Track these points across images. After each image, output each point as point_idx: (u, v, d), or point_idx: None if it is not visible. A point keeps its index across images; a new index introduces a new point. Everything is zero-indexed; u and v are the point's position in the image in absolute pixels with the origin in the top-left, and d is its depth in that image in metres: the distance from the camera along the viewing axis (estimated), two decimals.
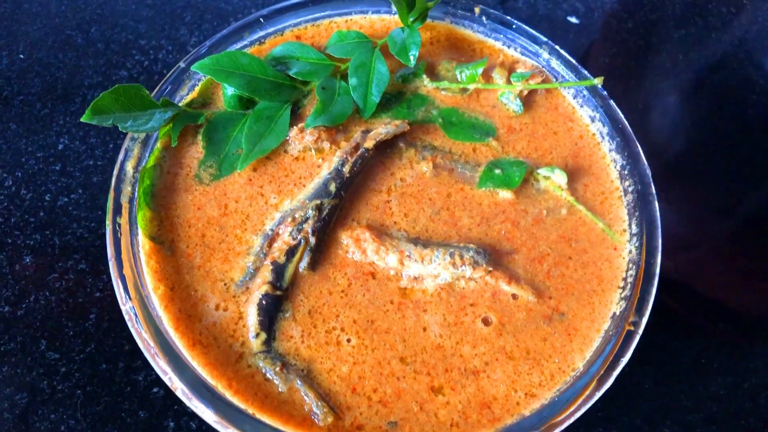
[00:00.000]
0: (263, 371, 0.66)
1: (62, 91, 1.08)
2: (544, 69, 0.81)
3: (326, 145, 0.76)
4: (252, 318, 0.67)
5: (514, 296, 0.70)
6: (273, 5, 0.89)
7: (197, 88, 0.78)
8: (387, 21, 0.82)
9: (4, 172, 1.02)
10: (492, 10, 0.83)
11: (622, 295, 0.70)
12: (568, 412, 0.63)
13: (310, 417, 0.64)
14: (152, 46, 1.12)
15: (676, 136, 1.12)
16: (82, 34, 1.13)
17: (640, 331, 0.68)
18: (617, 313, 0.69)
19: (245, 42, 0.80)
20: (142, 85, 1.09)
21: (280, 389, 0.65)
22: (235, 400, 0.64)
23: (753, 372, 0.94)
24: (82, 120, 0.69)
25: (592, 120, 0.79)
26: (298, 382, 0.65)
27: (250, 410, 0.63)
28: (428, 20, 0.82)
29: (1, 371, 0.90)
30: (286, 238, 0.70)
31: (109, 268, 0.68)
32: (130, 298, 0.67)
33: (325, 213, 0.71)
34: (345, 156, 0.74)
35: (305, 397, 0.65)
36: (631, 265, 0.71)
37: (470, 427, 0.65)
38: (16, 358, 0.90)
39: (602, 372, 0.66)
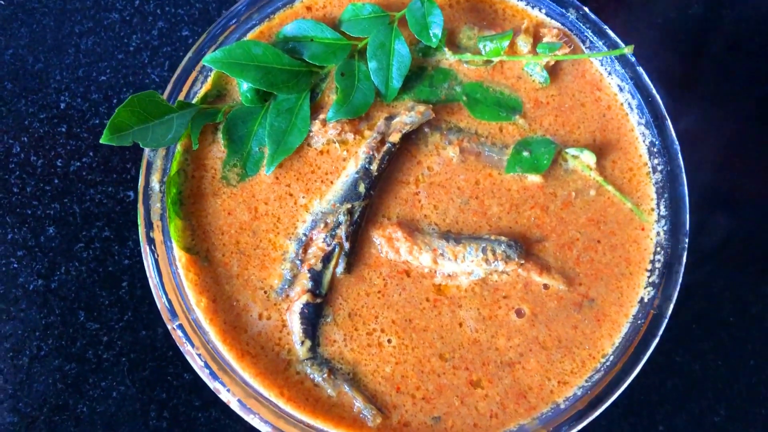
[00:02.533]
0: (312, 377, 0.70)
1: (53, 41, 1.03)
2: (570, 33, 0.77)
3: (350, 136, 0.74)
4: (296, 327, 0.70)
5: (546, 286, 0.73)
6: None
7: (210, 79, 0.75)
8: None
9: (9, 138, 0.99)
10: None
11: (650, 280, 0.72)
12: (597, 404, 0.68)
13: (360, 418, 0.69)
14: None
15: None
16: None
17: (667, 315, 0.71)
18: (645, 300, 0.72)
19: (254, 21, 0.76)
20: (137, 29, 1.03)
21: (329, 393, 0.69)
22: (288, 408, 0.68)
23: (762, 297, 0.99)
24: (101, 141, 0.67)
25: (621, 90, 0.76)
26: (346, 387, 0.69)
27: (304, 416, 0.68)
28: None
29: (47, 344, 0.94)
30: (320, 244, 0.71)
31: (141, 253, 0.71)
32: (176, 317, 0.69)
33: (356, 216, 0.71)
34: (371, 153, 0.72)
35: (354, 400, 0.69)
36: (659, 249, 0.73)
37: (508, 417, 0.70)
38: (59, 331, 0.94)
39: (629, 357, 0.70)
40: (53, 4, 1.04)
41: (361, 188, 0.72)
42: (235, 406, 0.68)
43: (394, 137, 0.73)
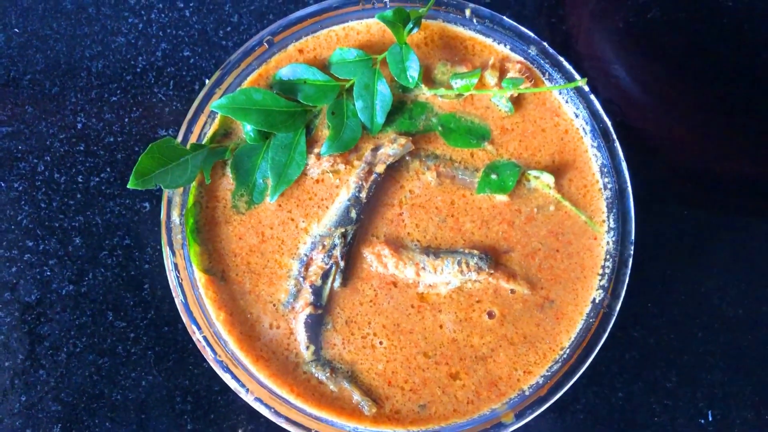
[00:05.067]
0: (316, 376, 0.83)
1: (66, 66, 1.12)
2: (532, 66, 0.88)
3: (341, 166, 0.85)
4: (301, 335, 0.83)
5: (513, 291, 0.85)
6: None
7: (217, 121, 0.86)
8: (381, 24, 0.87)
9: (33, 157, 1.10)
10: (482, 8, 0.87)
11: (601, 283, 0.85)
12: (556, 390, 0.82)
13: (358, 408, 0.83)
14: (143, 5, 1.13)
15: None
16: None
17: (615, 312, 0.84)
18: (597, 300, 0.85)
19: (253, 66, 0.86)
20: (142, 51, 1.13)
21: (331, 389, 0.83)
22: (298, 402, 0.82)
23: (709, 277, 1.12)
24: (128, 187, 0.79)
25: (576, 116, 0.87)
26: (345, 383, 0.83)
27: (311, 409, 0.82)
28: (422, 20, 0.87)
29: (82, 341, 1.07)
30: (319, 263, 0.83)
31: (163, 260, 0.84)
32: (200, 329, 0.82)
33: (349, 238, 0.84)
34: (360, 182, 0.84)
35: (352, 394, 0.83)
36: (608, 256, 0.86)
37: (482, 403, 0.84)
38: (91, 330, 1.07)
39: (584, 348, 0.84)
40: (64, 30, 1.13)
41: (353, 214, 0.84)
42: (253, 403, 0.81)
43: (380, 168, 0.84)
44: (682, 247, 1.13)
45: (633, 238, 0.85)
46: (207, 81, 0.86)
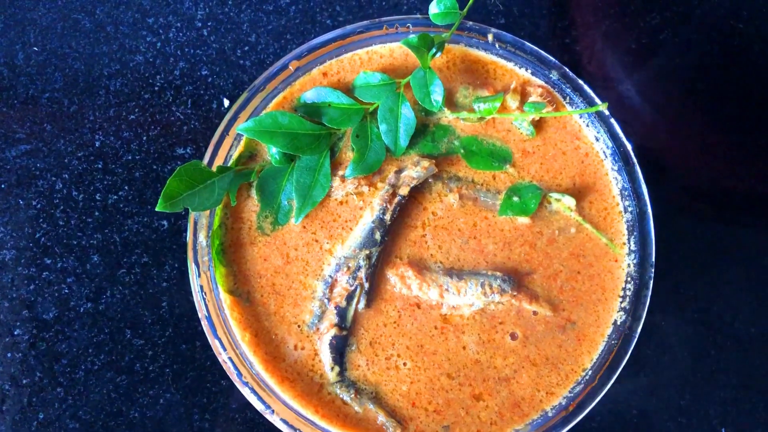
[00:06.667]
0: (341, 397, 0.84)
1: (84, 84, 1.13)
2: (553, 90, 0.89)
3: (365, 188, 0.86)
4: (326, 356, 0.84)
5: (535, 312, 0.86)
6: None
7: (242, 143, 0.86)
8: (404, 48, 0.88)
9: (52, 175, 1.10)
10: (505, 33, 0.88)
11: (622, 305, 0.86)
12: (579, 411, 0.83)
13: (383, 429, 0.83)
14: (161, 24, 1.14)
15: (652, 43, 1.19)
16: (88, 17, 1.14)
17: (636, 334, 0.85)
18: (618, 322, 0.86)
19: (279, 89, 0.87)
20: (160, 69, 1.14)
21: (356, 410, 0.84)
22: (323, 423, 0.83)
23: (721, 296, 1.13)
24: (157, 209, 0.79)
25: (597, 140, 0.89)
26: (370, 404, 0.83)
27: (336, 430, 0.82)
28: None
29: (100, 359, 1.07)
30: (344, 284, 0.84)
31: (189, 277, 0.85)
32: (226, 350, 0.82)
33: (374, 260, 0.84)
34: (384, 204, 0.85)
35: (377, 415, 0.83)
36: (629, 278, 0.87)
37: (505, 424, 0.84)
38: (109, 347, 1.07)
39: (605, 371, 0.84)
40: (83, 49, 1.14)
41: (377, 236, 0.85)
42: (279, 424, 0.81)
43: (404, 190, 0.85)
44: (695, 266, 1.15)
45: (653, 260, 0.86)
46: (225, 100, 0.87)
